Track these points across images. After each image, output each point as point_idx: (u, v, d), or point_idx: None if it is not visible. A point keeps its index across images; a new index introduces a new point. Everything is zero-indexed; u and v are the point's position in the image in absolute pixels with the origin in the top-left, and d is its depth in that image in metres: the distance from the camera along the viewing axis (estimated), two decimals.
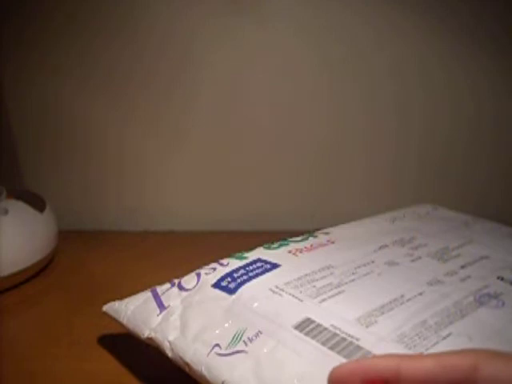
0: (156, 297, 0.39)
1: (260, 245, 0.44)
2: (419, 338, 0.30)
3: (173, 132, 0.66)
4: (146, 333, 0.37)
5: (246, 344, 0.32)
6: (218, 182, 0.67)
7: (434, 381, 0.21)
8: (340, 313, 0.33)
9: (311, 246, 0.44)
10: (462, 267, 0.41)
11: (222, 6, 0.61)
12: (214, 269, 0.40)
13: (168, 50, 0.63)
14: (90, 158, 0.66)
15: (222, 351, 0.32)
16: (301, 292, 0.35)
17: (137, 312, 0.38)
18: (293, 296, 0.35)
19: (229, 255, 0.42)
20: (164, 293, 0.39)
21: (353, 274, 0.39)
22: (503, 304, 0.35)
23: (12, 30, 0.62)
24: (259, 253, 0.42)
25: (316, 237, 0.46)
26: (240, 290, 0.36)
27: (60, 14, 0.61)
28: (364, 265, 0.40)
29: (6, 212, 0.51)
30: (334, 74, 0.64)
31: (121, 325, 0.39)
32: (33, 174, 0.67)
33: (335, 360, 0.29)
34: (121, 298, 0.41)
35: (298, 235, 0.46)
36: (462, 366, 0.20)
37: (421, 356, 0.22)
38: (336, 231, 0.48)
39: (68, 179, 0.67)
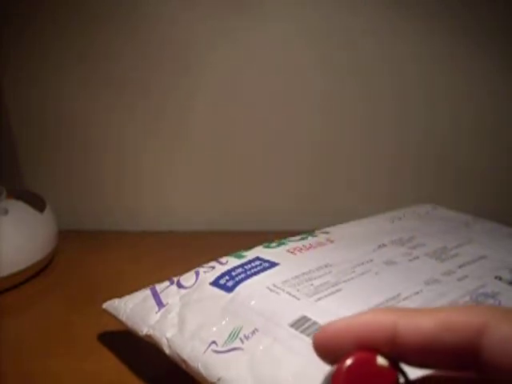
0: (155, 295, 0.39)
1: (259, 245, 0.44)
2: None
3: (172, 132, 0.66)
4: (144, 330, 0.37)
5: (242, 341, 0.32)
6: (218, 182, 0.67)
7: (433, 344, 0.17)
8: (336, 311, 0.33)
9: (310, 245, 0.44)
10: (460, 267, 0.41)
11: (223, 7, 0.61)
12: (213, 267, 0.40)
13: (168, 51, 0.63)
14: (89, 158, 0.66)
15: (219, 348, 0.32)
16: (298, 290, 0.36)
17: (136, 310, 0.39)
18: (290, 294, 0.35)
19: (228, 254, 0.42)
20: (163, 291, 0.39)
21: (350, 272, 0.39)
22: (499, 303, 0.35)
23: (12, 29, 0.62)
24: (258, 252, 0.42)
25: (315, 236, 0.46)
26: (238, 288, 0.37)
27: (60, 15, 0.62)
28: (362, 264, 0.40)
29: (5, 212, 0.51)
30: (333, 74, 0.64)
31: (120, 322, 0.39)
32: (33, 173, 0.67)
33: None
34: (120, 296, 0.41)
35: (297, 235, 0.46)
36: (466, 327, 0.17)
37: (421, 313, 0.18)
38: (335, 231, 0.48)
39: (68, 179, 0.67)
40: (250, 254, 0.42)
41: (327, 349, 0.19)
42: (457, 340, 0.17)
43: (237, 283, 0.37)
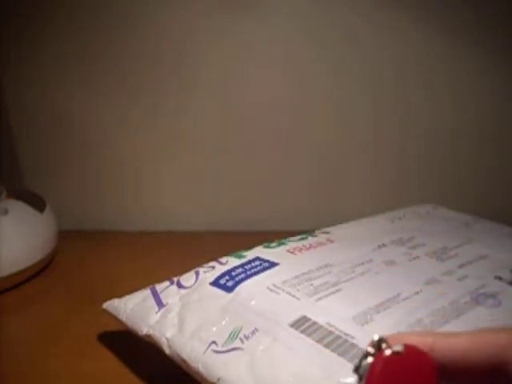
0: (155, 294, 0.39)
1: (259, 245, 0.44)
2: None
3: (171, 132, 0.66)
4: (144, 330, 0.37)
5: (242, 341, 0.32)
6: (217, 183, 0.67)
7: (468, 358, 0.20)
8: (336, 311, 0.33)
9: (310, 245, 0.44)
10: (460, 267, 0.41)
11: (221, 5, 0.61)
12: (213, 267, 0.40)
13: (165, 50, 0.63)
14: (89, 158, 0.66)
15: (219, 348, 0.32)
16: (298, 290, 0.36)
17: (136, 309, 0.39)
18: (290, 294, 0.35)
19: (228, 254, 0.42)
20: (163, 291, 0.39)
21: (350, 272, 0.39)
22: (500, 303, 0.35)
23: (12, 30, 0.62)
24: (258, 252, 0.42)
25: (315, 236, 0.46)
26: (238, 288, 0.37)
27: (59, 15, 0.62)
28: (362, 264, 0.40)
29: (6, 212, 0.51)
30: (335, 73, 0.64)
31: (120, 322, 0.39)
32: (33, 174, 0.67)
33: (330, 357, 0.29)
34: (119, 296, 0.41)
35: (297, 235, 0.46)
36: (496, 342, 0.19)
37: (455, 333, 0.21)
38: (335, 231, 0.48)
39: (68, 179, 0.67)
40: (250, 254, 0.42)
41: None
42: (488, 353, 0.19)
43: (237, 283, 0.37)
